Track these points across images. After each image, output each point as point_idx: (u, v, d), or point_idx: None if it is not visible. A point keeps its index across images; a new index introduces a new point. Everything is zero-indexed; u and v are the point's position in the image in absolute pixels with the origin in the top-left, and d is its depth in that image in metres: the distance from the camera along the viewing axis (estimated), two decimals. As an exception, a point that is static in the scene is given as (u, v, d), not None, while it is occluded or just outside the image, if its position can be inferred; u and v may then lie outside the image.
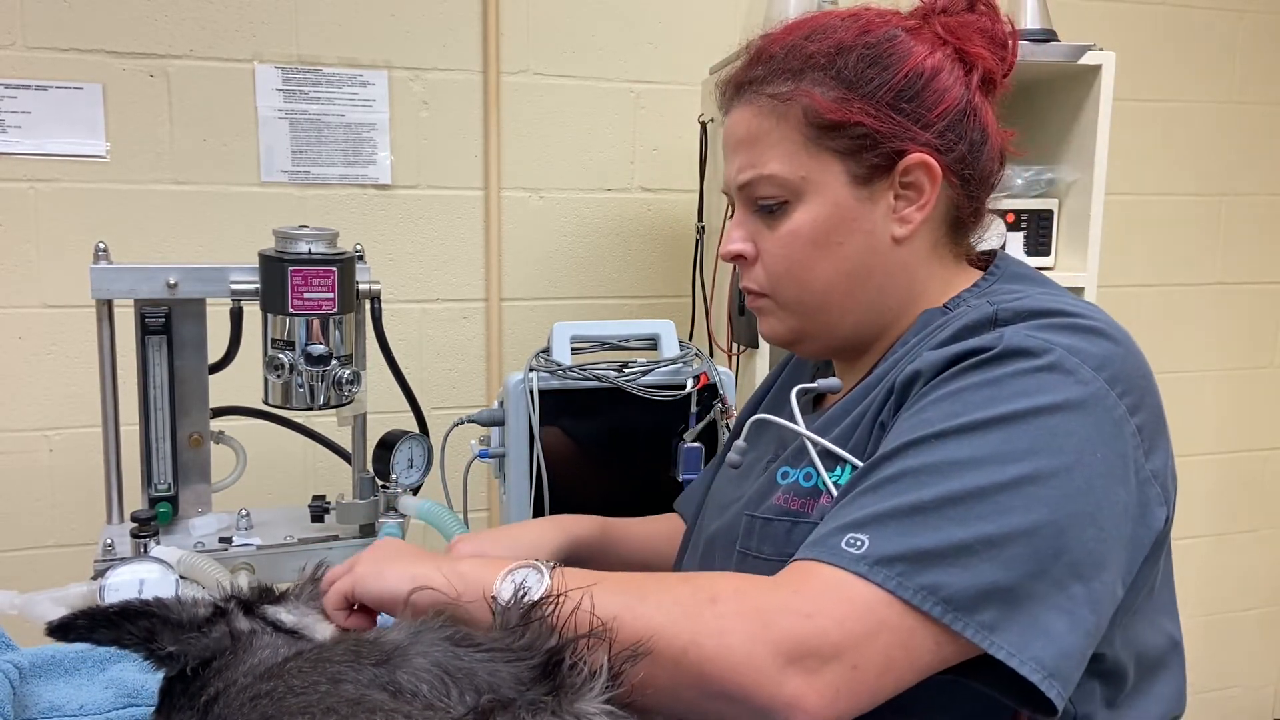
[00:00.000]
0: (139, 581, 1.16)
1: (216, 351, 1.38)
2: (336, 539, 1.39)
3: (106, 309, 1.34)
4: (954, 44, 0.86)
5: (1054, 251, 1.91)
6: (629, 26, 2.09)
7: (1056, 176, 1.90)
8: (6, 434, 1.87)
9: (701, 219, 1.99)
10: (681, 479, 1.41)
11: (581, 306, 2.13)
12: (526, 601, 0.69)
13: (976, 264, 0.93)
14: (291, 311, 1.28)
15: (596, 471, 1.45)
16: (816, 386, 0.91)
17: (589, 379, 1.40)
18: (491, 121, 2.02)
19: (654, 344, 1.49)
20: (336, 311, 1.30)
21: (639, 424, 1.42)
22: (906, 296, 0.88)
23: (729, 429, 1.42)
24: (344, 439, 1.49)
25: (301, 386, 1.31)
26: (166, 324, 1.34)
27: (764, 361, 1.73)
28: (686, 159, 2.03)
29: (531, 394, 1.37)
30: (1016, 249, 1.88)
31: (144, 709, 0.86)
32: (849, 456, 0.81)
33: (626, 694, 0.64)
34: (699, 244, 1.99)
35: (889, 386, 0.81)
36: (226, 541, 1.34)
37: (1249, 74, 2.49)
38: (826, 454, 0.83)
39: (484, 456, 1.43)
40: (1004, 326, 0.77)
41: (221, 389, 1.40)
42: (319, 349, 1.30)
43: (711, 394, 1.43)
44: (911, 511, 0.68)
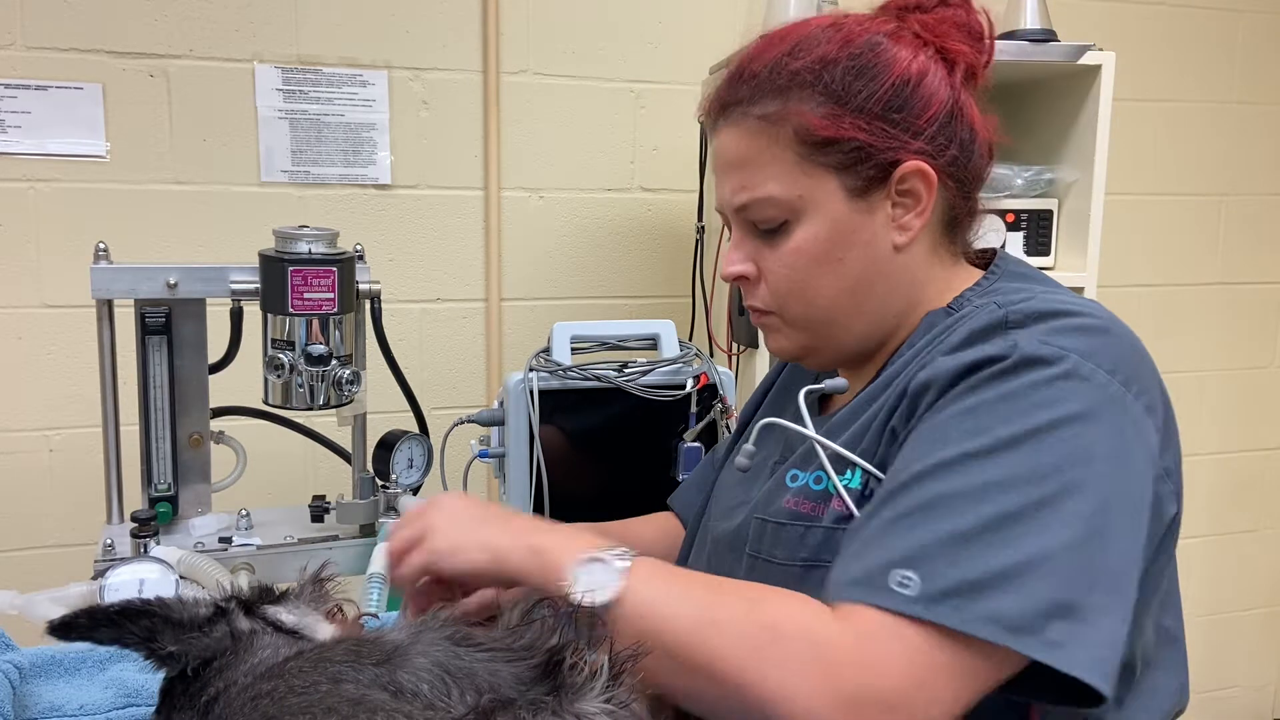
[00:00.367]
0: (139, 581, 1.16)
1: (216, 351, 1.38)
2: (336, 539, 1.39)
3: (106, 309, 1.34)
4: (934, 44, 0.86)
5: (1054, 251, 1.91)
6: (629, 26, 2.09)
7: (1056, 176, 1.90)
8: (6, 434, 1.87)
9: (701, 219, 1.99)
10: (681, 479, 1.41)
11: (581, 306, 2.13)
12: (597, 603, 0.70)
13: (974, 262, 0.93)
14: (291, 311, 1.28)
15: (596, 471, 1.45)
16: (823, 387, 0.90)
17: (589, 379, 1.40)
18: (491, 121, 2.02)
19: (654, 344, 1.49)
20: (336, 311, 1.30)
21: (639, 424, 1.42)
22: (910, 301, 0.88)
23: (729, 429, 1.42)
24: (344, 439, 1.49)
25: (301, 386, 1.31)
26: (166, 324, 1.34)
27: (764, 361, 1.73)
28: (686, 159, 2.04)
29: (531, 394, 1.37)
30: (1016, 249, 1.88)
31: (144, 709, 0.86)
32: (860, 461, 0.81)
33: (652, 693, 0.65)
34: (699, 244, 1.99)
35: (899, 391, 0.81)
36: (226, 541, 1.34)
37: (1248, 74, 2.49)
38: (837, 457, 0.82)
39: (484, 456, 1.43)
40: (1014, 329, 0.77)
41: (221, 389, 1.40)
42: (319, 349, 1.30)
43: (711, 394, 1.43)
44: (955, 541, 0.68)
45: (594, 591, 0.71)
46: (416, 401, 1.48)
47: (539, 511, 1.38)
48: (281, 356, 1.29)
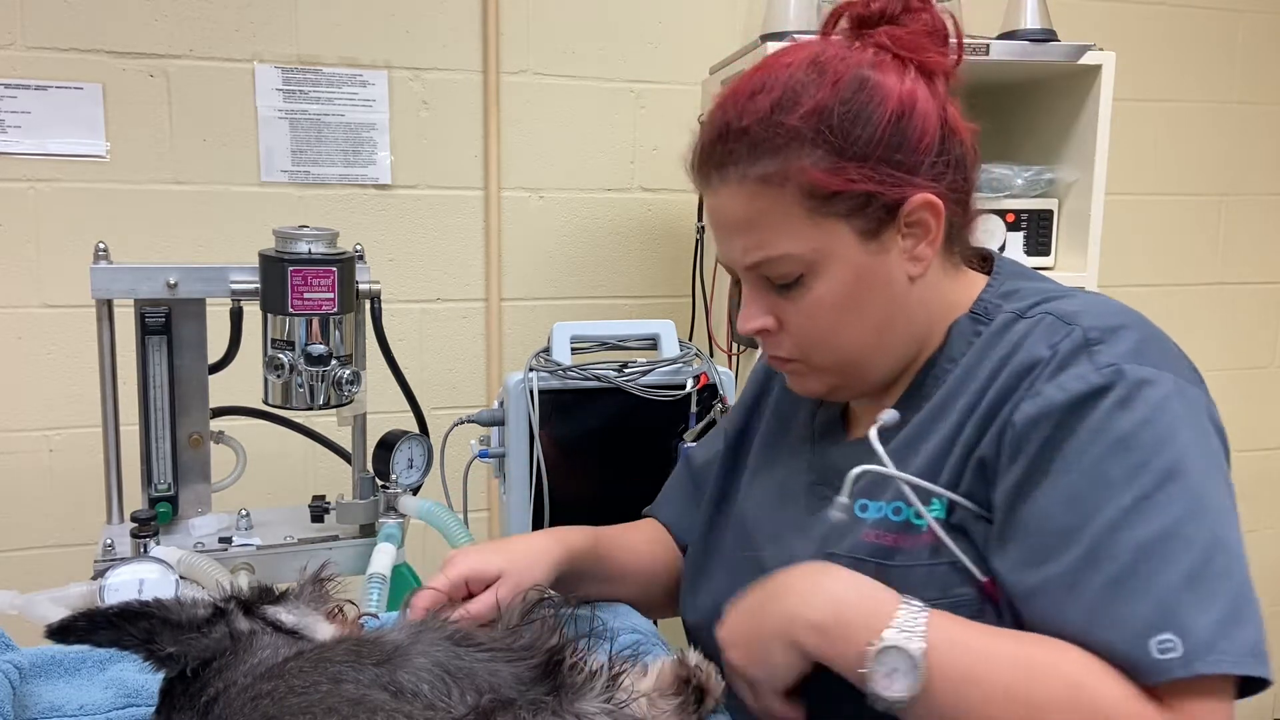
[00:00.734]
0: (139, 582, 1.16)
1: (216, 351, 1.38)
2: (336, 539, 1.39)
3: (106, 309, 1.34)
4: (913, 60, 0.85)
5: (1054, 251, 1.91)
6: (629, 26, 2.09)
7: (1056, 176, 1.90)
8: (6, 434, 1.87)
9: (701, 219, 1.99)
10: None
11: (581, 306, 2.13)
12: (890, 696, 0.70)
13: (970, 262, 0.94)
14: (291, 311, 1.28)
15: (597, 471, 1.45)
16: (883, 421, 0.86)
17: (589, 379, 1.40)
18: (491, 121, 2.02)
19: (654, 344, 1.49)
20: (336, 311, 1.30)
21: (639, 424, 1.42)
22: (928, 320, 0.89)
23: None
24: (344, 439, 1.49)
25: (301, 386, 1.31)
26: (166, 324, 1.34)
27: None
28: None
29: (531, 394, 1.37)
30: (1016, 249, 1.88)
31: (144, 709, 0.86)
32: (944, 492, 0.80)
33: None
34: (699, 244, 1.99)
35: (982, 418, 0.80)
36: (226, 541, 1.34)
37: (1248, 74, 2.49)
38: (916, 488, 0.81)
39: (484, 456, 1.43)
40: (1096, 346, 0.78)
41: (221, 389, 1.40)
42: (319, 349, 1.30)
43: (711, 394, 1.43)
44: (1181, 589, 0.69)
45: (893, 685, 0.70)
46: (416, 401, 1.48)
47: (539, 511, 1.38)
48: (281, 356, 1.29)
